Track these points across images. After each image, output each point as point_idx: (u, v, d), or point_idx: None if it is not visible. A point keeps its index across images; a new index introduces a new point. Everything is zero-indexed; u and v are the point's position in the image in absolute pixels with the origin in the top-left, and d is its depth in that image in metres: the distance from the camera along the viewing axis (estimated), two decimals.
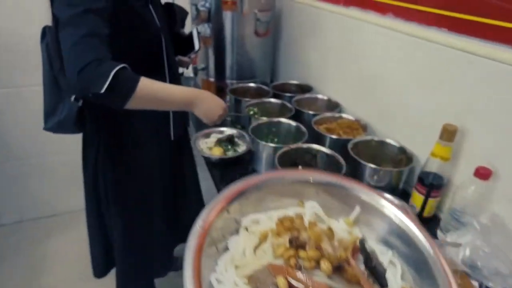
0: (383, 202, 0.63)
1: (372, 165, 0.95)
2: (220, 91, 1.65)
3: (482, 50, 0.79)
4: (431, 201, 0.90)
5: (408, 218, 0.59)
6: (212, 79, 1.65)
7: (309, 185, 0.66)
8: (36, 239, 1.95)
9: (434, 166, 0.87)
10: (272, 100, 1.36)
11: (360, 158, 0.98)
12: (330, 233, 0.59)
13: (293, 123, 1.17)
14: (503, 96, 0.76)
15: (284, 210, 0.65)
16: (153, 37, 0.95)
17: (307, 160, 1.03)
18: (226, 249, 0.58)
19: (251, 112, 1.28)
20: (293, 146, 1.01)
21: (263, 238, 0.59)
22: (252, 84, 1.53)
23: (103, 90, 0.73)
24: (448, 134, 0.83)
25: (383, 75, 1.11)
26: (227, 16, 1.48)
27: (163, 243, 1.28)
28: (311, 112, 1.26)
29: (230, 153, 1.17)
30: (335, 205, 0.66)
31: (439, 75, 0.91)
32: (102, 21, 0.77)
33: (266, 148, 1.06)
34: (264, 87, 1.50)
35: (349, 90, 1.30)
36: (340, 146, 1.11)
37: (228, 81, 1.62)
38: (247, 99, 1.35)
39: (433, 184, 0.88)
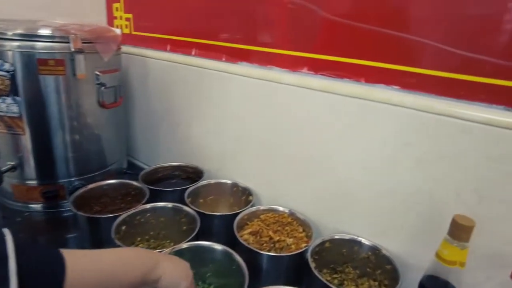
0: None
1: None
2: (51, 200, 1.01)
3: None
4: None
5: None
6: (32, 182, 1.00)
7: None
8: None
9: (440, 271, 0.61)
10: (159, 205, 0.84)
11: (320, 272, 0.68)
12: None
13: (223, 249, 0.71)
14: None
15: None
16: None
17: None
18: None
19: None
20: None
21: None
22: (112, 181, 0.97)
23: None
24: (465, 231, 0.58)
25: (319, 146, 0.83)
26: (49, 83, 0.92)
27: None
28: (218, 214, 0.85)
29: None
30: None
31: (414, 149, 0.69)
32: None
33: None
34: (134, 183, 0.96)
35: (264, 170, 0.95)
36: (285, 264, 0.75)
37: (62, 182, 1.02)
38: (109, 214, 0.81)
39: None
